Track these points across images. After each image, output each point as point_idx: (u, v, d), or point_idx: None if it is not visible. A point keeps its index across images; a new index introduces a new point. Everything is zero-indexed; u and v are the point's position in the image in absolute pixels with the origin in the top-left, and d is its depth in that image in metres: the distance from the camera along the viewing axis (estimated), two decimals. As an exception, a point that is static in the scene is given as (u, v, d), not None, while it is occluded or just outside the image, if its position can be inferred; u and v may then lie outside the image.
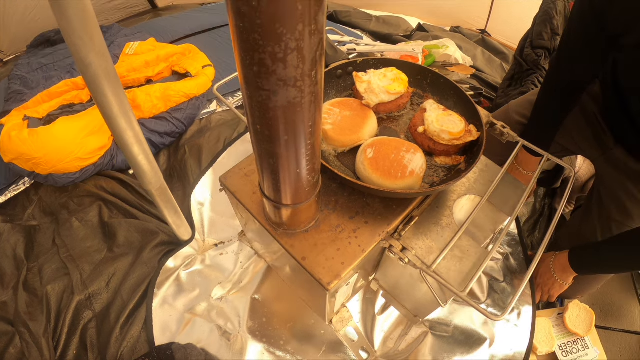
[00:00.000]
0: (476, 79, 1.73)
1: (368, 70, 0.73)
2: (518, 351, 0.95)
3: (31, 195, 1.22)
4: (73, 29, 0.48)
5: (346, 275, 0.54)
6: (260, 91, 0.32)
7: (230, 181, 0.65)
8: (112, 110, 0.58)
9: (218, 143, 1.41)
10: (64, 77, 1.53)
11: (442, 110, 0.68)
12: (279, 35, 0.27)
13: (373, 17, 2.28)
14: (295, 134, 0.38)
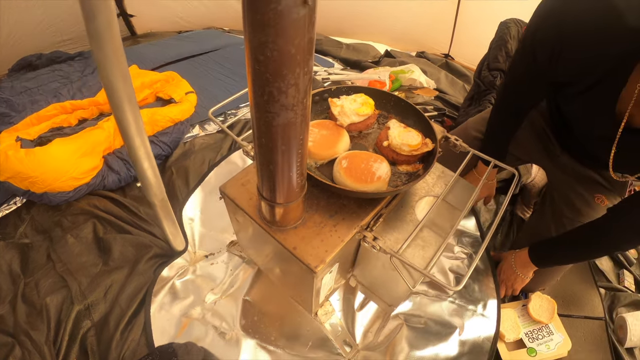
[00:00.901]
0: (440, 100, 1.97)
1: (341, 96, 0.92)
2: (486, 336, 1.12)
3: (22, 214, 1.31)
4: (107, 61, 0.64)
5: (330, 260, 0.70)
6: (267, 113, 0.49)
7: (229, 190, 0.80)
8: (130, 129, 0.73)
9: (203, 165, 1.56)
10: (51, 101, 1.64)
11: (402, 127, 0.86)
12: (284, 75, 0.44)
13: (343, 45, 2.53)
14: (290, 145, 0.54)
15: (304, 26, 0.41)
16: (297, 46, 0.42)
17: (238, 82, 2.07)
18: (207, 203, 1.38)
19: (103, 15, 0.58)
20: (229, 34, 2.75)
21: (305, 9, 0.39)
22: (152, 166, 0.84)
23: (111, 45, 0.61)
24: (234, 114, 1.85)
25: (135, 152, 0.78)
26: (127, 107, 0.69)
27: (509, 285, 1.23)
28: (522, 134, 1.19)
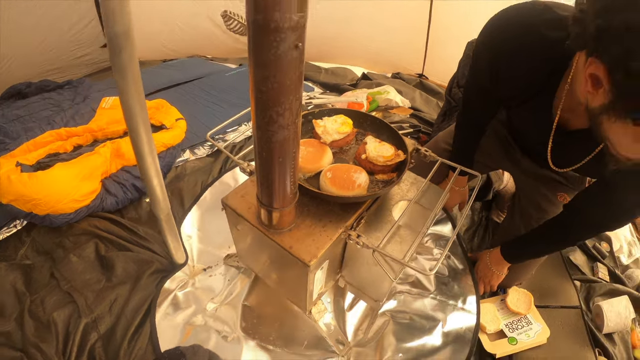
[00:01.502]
0: (415, 118, 2.17)
1: (323, 118, 1.08)
2: (467, 327, 1.26)
3: (23, 236, 1.40)
4: (128, 89, 0.78)
5: (321, 255, 0.84)
6: (267, 132, 0.64)
7: (230, 201, 0.94)
8: (144, 149, 0.87)
9: (196, 186, 1.69)
10: (45, 128, 1.75)
11: (378, 142, 1.03)
12: (280, 102, 0.59)
13: (322, 70, 2.74)
14: (285, 157, 0.69)
15: (297, 64, 0.57)
16: (291, 79, 0.58)
17: (225, 108, 2.20)
18: (204, 221, 1.51)
19: (127, 52, 0.73)
20: (212, 62, 2.92)
21: (297, 51, 0.55)
22: (160, 183, 0.98)
23: (132, 76, 0.76)
24: (222, 138, 1.99)
25: (146, 170, 0.91)
26: (142, 130, 0.83)
27: (487, 282, 1.38)
28: (487, 142, 1.36)
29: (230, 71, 2.66)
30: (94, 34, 2.62)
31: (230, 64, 2.90)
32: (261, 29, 0.51)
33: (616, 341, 1.35)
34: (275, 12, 0.49)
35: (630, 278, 1.61)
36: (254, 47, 0.55)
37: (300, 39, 0.54)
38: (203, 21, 2.92)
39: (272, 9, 0.49)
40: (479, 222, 1.72)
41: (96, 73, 2.74)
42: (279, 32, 0.51)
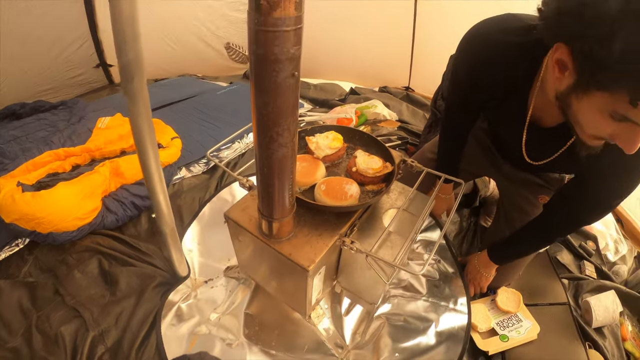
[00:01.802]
0: (403, 130, 2.28)
1: (315, 134, 1.18)
2: (460, 326, 1.34)
3: (25, 255, 1.45)
4: (139, 112, 0.86)
5: (318, 260, 0.92)
6: (268, 150, 0.72)
7: (232, 214, 1.02)
8: (152, 166, 0.95)
9: (193, 203, 1.76)
10: (43, 149, 1.81)
11: (367, 155, 1.12)
12: (280, 123, 0.68)
13: (311, 86, 2.86)
14: (284, 172, 0.78)
15: (293, 89, 0.66)
16: (289, 103, 0.67)
17: (218, 126, 2.28)
18: (203, 236, 1.58)
19: (138, 78, 0.82)
20: (202, 80, 3.01)
21: (294, 79, 0.64)
22: (166, 198, 1.05)
23: (142, 101, 0.85)
24: (216, 156, 2.07)
25: (154, 186, 0.99)
26: (150, 149, 0.92)
27: (476, 284, 1.46)
28: (470, 151, 1.46)
29: (221, 89, 2.75)
30: (87, 55, 2.71)
31: (221, 82, 3.00)
32: (262, 61, 0.60)
33: (606, 335, 1.43)
34: (275, 47, 0.58)
35: (617, 274, 1.70)
36: (256, 76, 0.64)
37: (296, 68, 0.63)
38: (193, 40, 3.03)
39: (272, 44, 0.58)
40: (467, 228, 1.81)
41: (89, 93, 2.82)
42: (278, 63, 0.60)
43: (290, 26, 0.57)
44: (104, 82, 2.92)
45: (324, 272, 1.03)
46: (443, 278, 1.48)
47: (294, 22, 0.57)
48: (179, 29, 2.92)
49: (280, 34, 0.56)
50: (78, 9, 2.52)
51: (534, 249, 1.44)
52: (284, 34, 0.57)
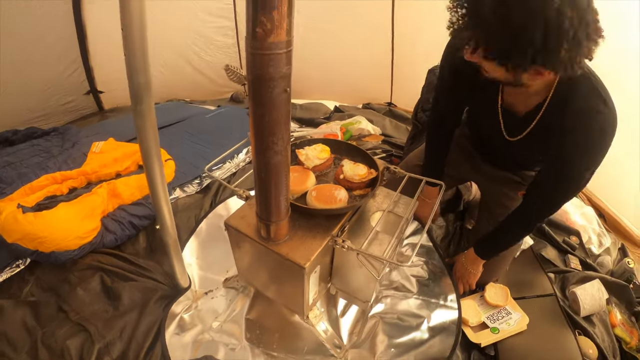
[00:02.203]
0: (387, 143, 2.44)
1: (304, 147, 1.30)
2: (451, 320, 1.44)
3: (26, 276, 1.50)
4: (146, 132, 0.97)
5: (313, 259, 1.01)
6: (265, 157, 0.83)
7: (232, 222, 1.12)
8: (157, 180, 1.05)
9: (189, 221, 1.84)
10: (40, 173, 1.87)
11: (353, 163, 1.24)
12: (275, 133, 0.79)
13: (297, 106, 3.02)
14: (280, 177, 0.88)
15: (286, 103, 0.77)
16: (282, 115, 0.78)
17: (208, 148, 2.36)
18: (202, 250, 1.67)
19: (147, 101, 0.93)
20: (190, 104, 3.12)
21: (286, 94, 0.76)
22: (169, 210, 1.15)
23: (150, 121, 0.96)
24: (209, 175, 2.15)
25: (159, 199, 1.09)
26: (156, 165, 1.02)
27: (465, 281, 1.57)
28: (453, 157, 1.61)
29: (210, 113, 2.85)
30: (78, 81, 2.81)
31: (209, 105, 3.11)
32: (259, 80, 0.72)
33: (595, 323, 1.52)
34: (270, 67, 0.70)
35: (602, 265, 1.81)
36: (253, 92, 0.75)
37: (288, 84, 0.75)
38: (181, 64, 3.16)
39: (267, 65, 0.70)
40: (453, 231, 1.92)
41: (79, 120, 2.91)
42: (273, 81, 0.72)
43: (283, 49, 0.69)
44: (94, 109, 3.02)
45: (319, 271, 1.12)
46: (432, 277, 1.58)
47: (285, 45, 0.69)
48: (168, 53, 3.05)
49: (274, 57, 0.68)
50: (70, 35, 2.63)
51: (517, 239, 1.54)
52: (277, 56, 0.69)
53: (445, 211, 1.97)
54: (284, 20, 0.66)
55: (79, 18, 2.62)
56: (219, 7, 3.06)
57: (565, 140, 1.08)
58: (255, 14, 0.64)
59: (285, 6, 0.65)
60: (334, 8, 2.90)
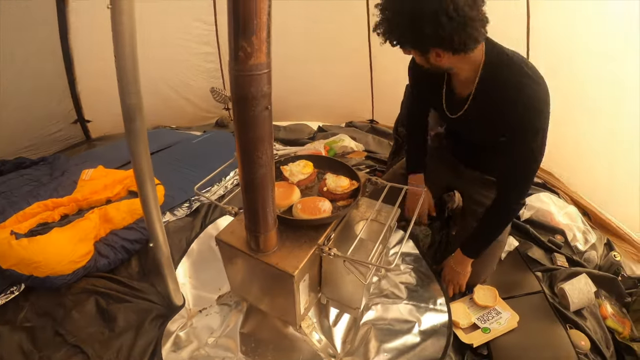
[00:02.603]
0: (370, 159, 2.58)
1: (288, 164, 1.39)
2: (442, 323, 1.50)
3: (20, 302, 1.53)
4: (139, 150, 1.05)
5: (301, 267, 1.07)
6: (251, 170, 0.90)
7: (223, 237, 1.18)
8: (150, 199, 1.13)
9: (181, 242, 1.89)
10: (31, 202, 1.92)
11: (335, 176, 1.32)
12: (259, 147, 0.88)
13: (281, 128, 3.13)
14: (265, 189, 0.95)
15: (268, 120, 0.85)
16: (265, 131, 0.86)
17: (196, 172, 2.43)
18: (194, 270, 1.72)
19: (139, 120, 1.00)
20: (177, 131, 3.19)
21: (268, 111, 0.84)
22: (162, 229, 1.20)
23: (142, 141, 1.03)
24: (198, 199, 2.20)
25: (152, 217, 1.15)
26: (149, 184, 1.09)
27: (455, 283, 1.62)
28: (436, 166, 1.75)
29: (196, 138, 2.94)
30: (66, 111, 2.89)
31: (195, 131, 3.20)
32: (242, 99, 0.80)
33: (586, 316, 1.57)
34: (252, 87, 0.78)
35: (588, 260, 1.88)
36: (237, 111, 0.83)
37: (269, 102, 0.83)
38: (166, 91, 3.25)
39: (249, 86, 0.78)
40: (440, 240, 1.98)
41: (67, 149, 2.96)
42: (255, 100, 0.80)
43: (263, 70, 0.77)
44: (82, 138, 3.08)
45: (308, 280, 1.18)
46: (420, 283, 1.65)
47: (265, 66, 0.77)
48: (154, 80, 3.12)
49: (256, 77, 0.76)
50: (57, 64, 2.71)
51: (500, 229, 1.58)
52: (258, 77, 0.77)
53: (431, 219, 2.04)
54: (263, 44, 0.74)
55: (66, 47, 2.71)
56: (202, 34, 3.17)
57: (503, 116, 1.23)
58: (236, 39, 0.73)
59: (264, 31, 0.73)
60: (312, 31, 3.02)
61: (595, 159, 2.26)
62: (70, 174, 2.24)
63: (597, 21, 2.02)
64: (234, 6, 0.70)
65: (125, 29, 0.88)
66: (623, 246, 2.06)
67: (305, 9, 2.89)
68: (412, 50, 1.23)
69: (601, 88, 2.09)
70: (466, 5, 1.02)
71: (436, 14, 1.01)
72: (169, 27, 3.02)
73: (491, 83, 1.24)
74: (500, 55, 1.22)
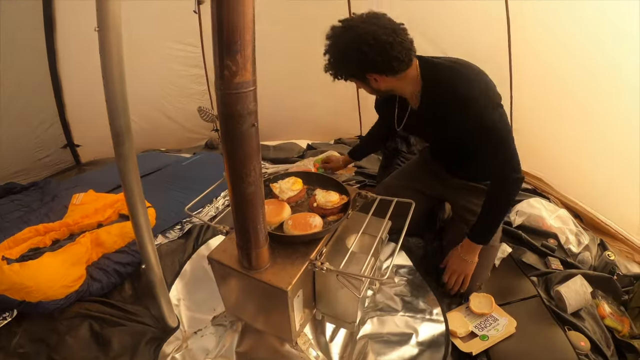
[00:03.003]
0: (360, 174, 2.62)
1: (278, 181, 1.42)
2: (439, 333, 1.50)
3: (13, 328, 1.51)
4: (129, 172, 1.07)
5: (294, 282, 1.08)
6: (240, 188, 0.92)
7: (215, 256, 1.19)
8: (141, 219, 1.14)
9: (174, 264, 1.89)
10: (22, 227, 1.91)
11: (325, 191, 1.34)
12: (247, 164, 0.90)
13: (271, 147, 3.17)
14: (256, 206, 0.97)
15: (255, 136, 0.88)
16: (252, 148, 0.89)
17: (186, 194, 2.42)
18: (188, 291, 1.72)
19: (128, 142, 1.03)
20: (166, 154, 3.20)
21: (254, 128, 0.86)
22: (154, 250, 1.21)
23: (132, 162, 1.05)
24: (190, 221, 2.20)
25: (143, 238, 1.16)
26: (139, 205, 1.11)
27: (460, 272, 1.62)
28: (424, 176, 1.83)
29: (186, 160, 2.95)
30: (55, 136, 2.89)
31: (185, 154, 3.21)
32: (229, 117, 0.82)
33: (584, 317, 1.59)
34: (238, 105, 0.80)
35: (583, 262, 1.91)
36: (225, 129, 0.85)
37: (255, 119, 0.85)
38: (156, 114, 3.26)
39: (235, 104, 0.80)
40: (432, 251, 1.99)
41: (57, 174, 2.97)
42: (241, 117, 0.82)
43: (248, 88, 0.79)
44: (72, 163, 3.09)
45: (302, 296, 1.19)
46: (415, 294, 1.66)
47: (251, 84, 0.80)
48: (142, 104, 3.10)
49: (241, 95, 0.79)
50: (46, 89, 2.73)
51: (505, 208, 1.61)
52: (244, 95, 0.79)
53: (423, 230, 2.05)
54: (248, 62, 0.77)
55: (54, 72, 2.73)
56: (189, 56, 3.19)
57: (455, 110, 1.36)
58: (221, 58, 0.75)
59: (248, 50, 0.76)
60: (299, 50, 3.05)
61: (582, 160, 2.31)
62: (60, 199, 2.24)
63: (578, 23, 2.08)
64: (219, 26, 0.73)
65: (113, 51, 0.90)
66: (617, 245, 2.09)
67: (290, 32, 2.97)
68: (355, 81, 1.42)
69: (583, 89, 2.14)
70: (384, 34, 1.22)
71: (359, 45, 1.23)
72: (156, 50, 3.05)
73: (431, 89, 1.40)
74: (433, 65, 1.40)
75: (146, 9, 2.72)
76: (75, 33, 2.63)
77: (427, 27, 2.47)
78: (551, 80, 2.29)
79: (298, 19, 2.93)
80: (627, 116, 1.95)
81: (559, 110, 2.29)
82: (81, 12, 2.39)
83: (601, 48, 2.01)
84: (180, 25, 3.01)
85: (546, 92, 2.39)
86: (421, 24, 2.31)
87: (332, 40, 1.31)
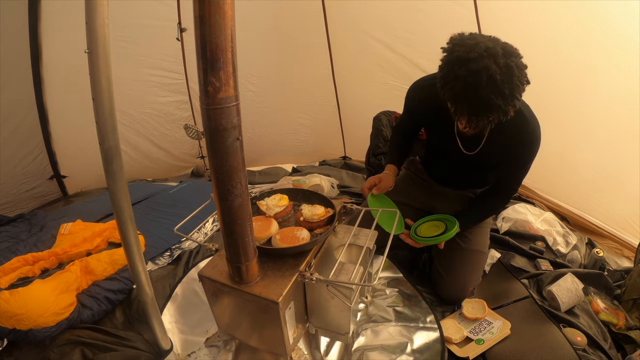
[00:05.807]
0: (345, 195, 2.69)
1: (264, 198, 1.46)
2: (434, 339, 1.53)
3: (4, 357, 1.50)
4: (119, 190, 1.09)
5: (285, 293, 1.10)
6: (227, 201, 0.96)
7: (206, 273, 1.22)
8: (131, 239, 1.17)
9: (165, 289, 1.89)
10: (10, 257, 1.91)
11: (311, 206, 1.38)
12: (233, 176, 0.95)
13: (256, 172, 3.23)
14: (243, 218, 1.00)
15: (240, 150, 0.92)
16: (237, 161, 0.93)
17: (175, 221, 2.38)
18: (180, 314, 1.72)
19: (117, 161, 1.07)
20: (153, 183, 3.23)
21: (239, 142, 0.90)
22: (144, 270, 1.23)
23: (121, 181, 1.09)
24: (179, 247, 2.20)
25: (134, 258, 1.18)
26: (129, 223, 1.15)
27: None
28: (408, 189, 1.88)
29: (173, 188, 2.99)
30: (42, 167, 2.90)
31: (171, 182, 3.25)
32: (214, 131, 0.86)
33: (578, 314, 1.63)
34: (222, 119, 0.85)
35: (572, 261, 1.96)
36: (210, 143, 0.89)
37: (240, 133, 0.90)
38: (142, 142, 3.26)
39: (220, 118, 0.85)
40: (423, 262, 2.00)
41: (44, 206, 2.95)
42: (226, 131, 0.86)
43: (232, 102, 0.84)
44: (59, 194, 3.08)
45: (293, 308, 1.20)
46: (407, 304, 1.69)
47: (234, 99, 0.85)
48: (129, 132, 3.15)
49: (225, 110, 0.83)
50: (32, 120, 2.74)
51: (496, 212, 1.82)
52: (227, 109, 0.84)
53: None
54: (230, 78, 0.82)
55: (40, 102, 2.74)
56: (173, 83, 3.22)
57: (509, 150, 1.48)
58: (205, 75, 0.80)
59: (230, 67, 0.82)
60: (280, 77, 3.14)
61: (563, 163, 2.38)
62: (48, 229, 2.24)
63: (552, 22, 2.14)
64: (202, 45, 0.79)
65: (102, 73, 0.95)
66: (605, 243, 2.16)
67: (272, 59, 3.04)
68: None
69: (560, 91, 2.20)
70: (518, 82, 1.22)
71: (500, 103, 1.21)
72: (140, 77, 3.08)
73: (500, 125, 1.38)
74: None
75: (129, 35, 2.79)
76: (61, 63, 2.67)
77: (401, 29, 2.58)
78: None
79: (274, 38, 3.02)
80: (607, 117, 2.05)
81: (537, 114, 2.36)
82: (67, 41, 2.48)
83: (576, 51, 2.08)
84: (163, 52, 3.07)
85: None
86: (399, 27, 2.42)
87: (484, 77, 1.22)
